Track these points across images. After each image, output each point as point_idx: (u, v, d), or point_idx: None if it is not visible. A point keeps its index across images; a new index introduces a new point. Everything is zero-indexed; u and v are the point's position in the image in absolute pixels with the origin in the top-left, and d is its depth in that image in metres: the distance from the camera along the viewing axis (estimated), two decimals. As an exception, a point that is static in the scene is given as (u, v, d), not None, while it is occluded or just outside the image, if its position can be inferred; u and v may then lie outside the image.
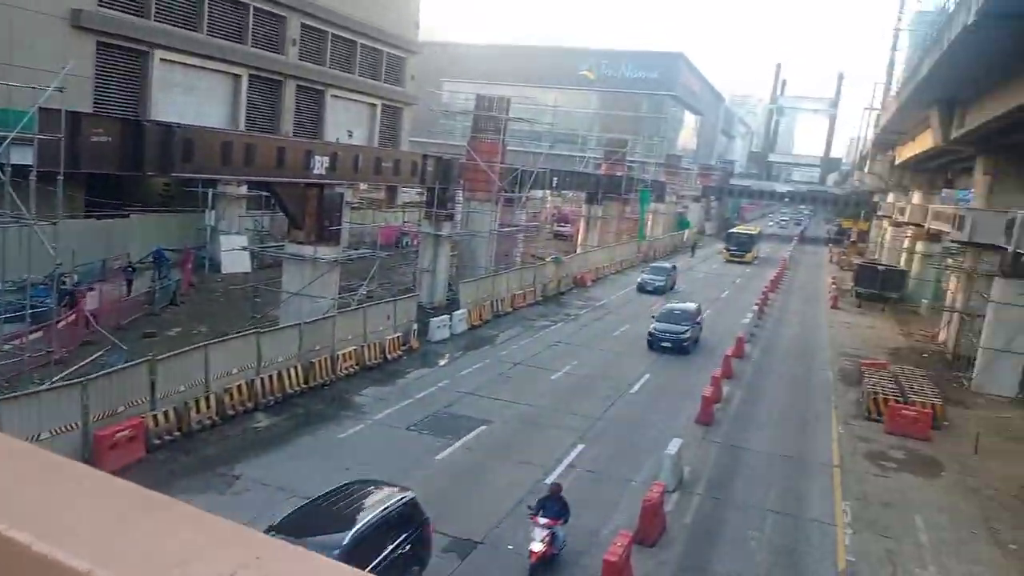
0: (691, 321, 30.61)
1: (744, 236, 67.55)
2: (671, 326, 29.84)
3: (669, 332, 29.51)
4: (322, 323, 23.03)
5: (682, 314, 31.14)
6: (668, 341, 29.35)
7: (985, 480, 19.40)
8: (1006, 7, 17.61)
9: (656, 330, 29.82)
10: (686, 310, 31.85)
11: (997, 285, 28.59)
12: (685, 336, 29.56)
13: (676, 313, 31.18)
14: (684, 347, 29.39)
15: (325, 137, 43.31)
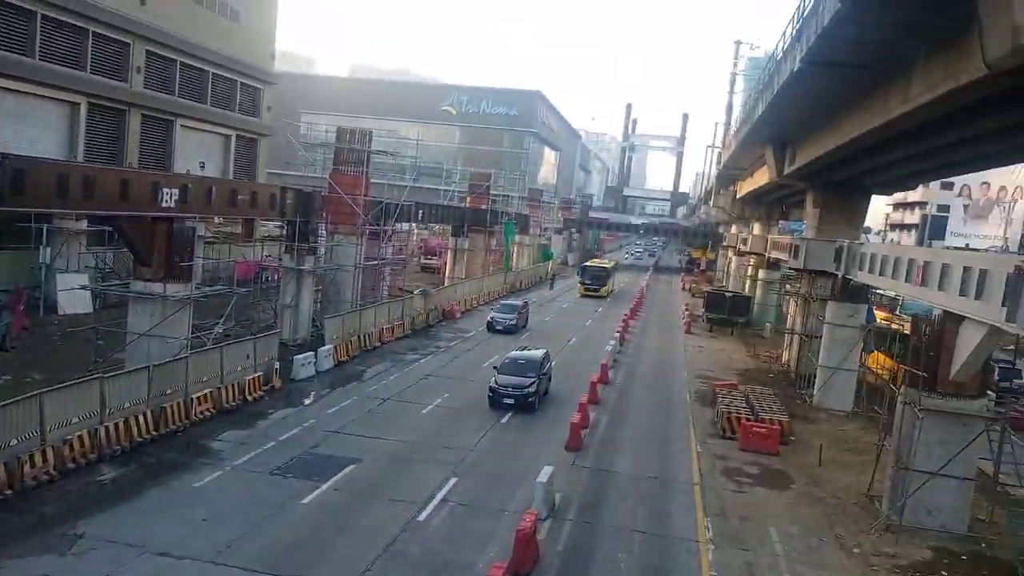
0: (537, 372, 26.81)
1: (599, 270, 65.64)
2: (515, 379, 26.19)
3: (512, 387, 25.86)
4: (174, 365, 21.60)
5: (527, 364, 27.21)
6: (511, 397, 25.76)
7: (829, 490, 20.88)
8: (826, 56, 19.47)
9: (498, 385, 26.11)
10: (532, 359, 27.64)
11: (830, 308, 31.17)
12: (530, 391, 25.93)
13: (521, 363, 27.23)
14: (530, 403, 25.90)
15: (175, 168, 41.16)
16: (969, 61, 13.99)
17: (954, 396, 18.00)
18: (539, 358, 27.89)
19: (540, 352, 28.80)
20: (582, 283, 63.66)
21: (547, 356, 28.94)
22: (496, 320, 41.76)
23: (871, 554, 16.79)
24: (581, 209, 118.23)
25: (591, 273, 64.35)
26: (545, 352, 29.13)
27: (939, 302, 18.24)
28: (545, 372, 27.71)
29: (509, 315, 42.19)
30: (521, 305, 44.62)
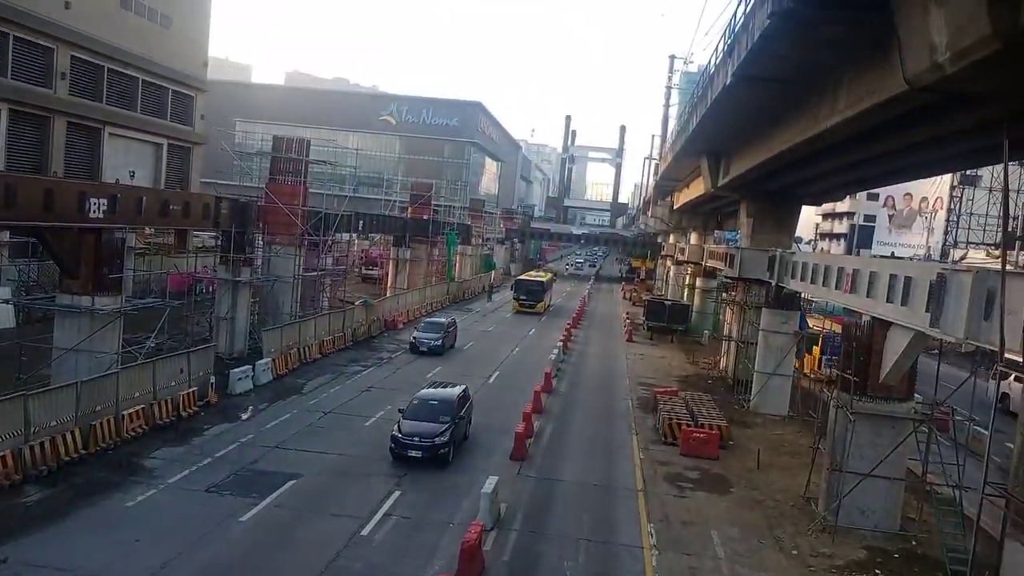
0: (452, 415, 21.80)
1: (533, 284, 61.09)
2: (423, 426, 21.14)
3: (419, 436, 20.87)
4: (103, 381, 20.79)
5: (440, 405, 22.13)
6: (418, 449, 20.74)
7: (767, 492, 21.39)
8: (756, 71, 20.07)
9: (402, 434, 20.99)
10: (446, 399, 22.64)
11: (764, 315, 32.03)
12: (442, 440, 21.01)
13: (432, 405, 22.17)
14: (441, 454, 20.99)
15: (104, 178, 39.75)
16: (891, 77, 14.60)
17: (883, 399, 18.68)
18: (454, 398, 22.87)
19: (456, 390, 23.78)
20: (516, 299, 59.49)
21: (466, 395, 24.09)
22: (420, 340, 37.75)
23: (809, 555, 17.24)
24: (523, 219, 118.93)
25: (525, 287, 60.26)
26: (463, 389, 24.22)
27: (867, 309, 18.91)
28: (463, 415, 22.86)
29: (434, 335, 38.32)
30: (448, 323, 40.52)
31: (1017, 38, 9.82)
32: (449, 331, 39.82)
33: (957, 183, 68.96)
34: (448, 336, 39.40)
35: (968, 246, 62.86)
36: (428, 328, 39.25)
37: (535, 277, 65.44)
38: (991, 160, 23.37)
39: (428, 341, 37.81)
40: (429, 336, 38.22)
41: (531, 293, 59.34)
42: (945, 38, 11.22)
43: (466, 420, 23.55)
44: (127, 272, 26.48)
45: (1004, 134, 13.16)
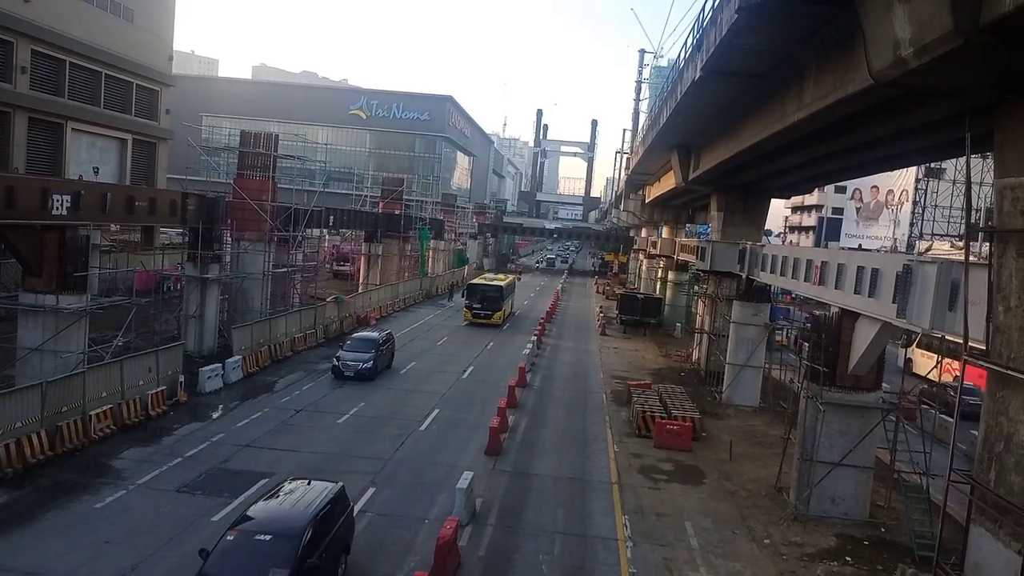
0: (292, 550, 12.06)
1: (489, 289, 50.08)
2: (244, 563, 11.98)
3: None
4: (70, 381, 20.40)
5: (282, 537, 12.32)
6: None
7: (739, 483, 21.64)
8: (725, 65, 20.26)
9: None
10: (294, 518, 12.91)
11: (735, 307, 32.36)
12: None
13: (273, 521, 12.93)
14: None
15: (67, 174, 38.89)
16: (856, 72, 14.79)
17: (852, 389, 18.97)
18: (311, 512, 13.13)
19: (322, 489, 14.21)
20: (468, 307, 49.32)
21: (342, 494, 14.71)
22: (344, 363, 29.99)
23: (781, 544, 17.48)
24: (495, 214, 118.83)
25: (479, 293, 49.52)
26: (339, 487, 14.67)
27: (836, 300, 19.19)
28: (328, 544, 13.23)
29: (363, 355, 30.40)
30: (382, 339, 32.37)
31: (978, 34, 10.00)
32: (383, 349, 31.99)
33: (922, 176, 70.30)
34: (382, 356, 31.77)
35: (933, 238, 64.13)
36: (356, 346, 31.35)
37: (491, 281, 53.33)
38: (955, 153, 23.85)
39: (355, 364, 29.99)
40: (357, 357, 30.32)
41: (487, 300, 49.13)
42: (909, 34, 11.39)
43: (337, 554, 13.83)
44: (92, 270, 26.02)
45: (966, 128, 13.39)
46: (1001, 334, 12.13)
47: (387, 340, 33.25)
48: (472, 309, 49.14)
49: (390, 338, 33.94)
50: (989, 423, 12.49)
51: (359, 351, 30.81)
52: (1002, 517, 11.78)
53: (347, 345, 31.71)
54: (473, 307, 49.11)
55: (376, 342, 31.74)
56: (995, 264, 12.31)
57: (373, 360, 30.49)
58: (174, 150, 52.22)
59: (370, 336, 32.81)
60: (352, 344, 31.68)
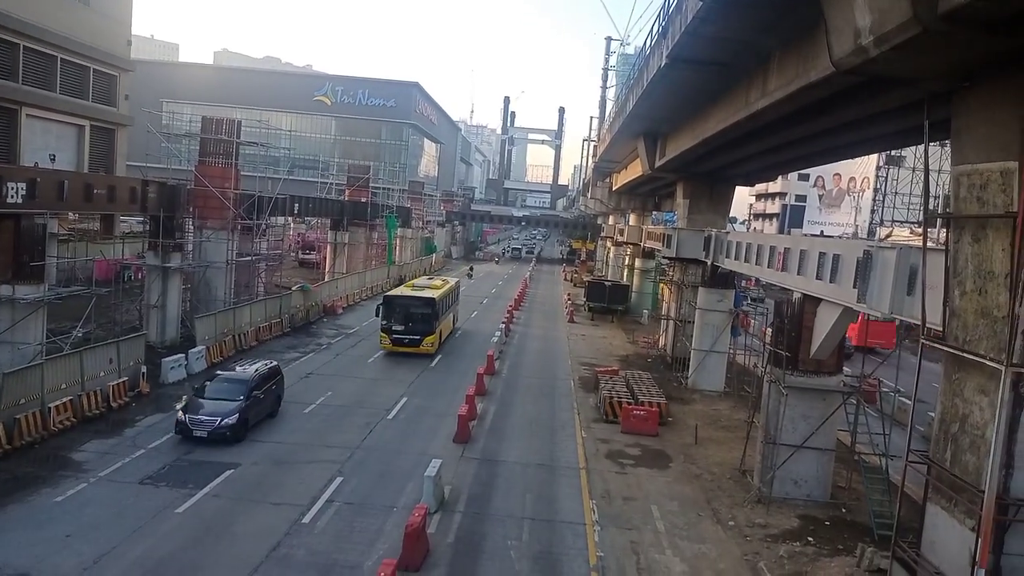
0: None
1: (414, 303, 34.47)
2: None
3: None
4: (27, 372, 19.94)
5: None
6: None
7: (704, 466, 21.96)
8: (690, 53, 20.34)
9: None
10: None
11: (701, 294, 32.71)
12: None
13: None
14: None
15: (22, 161, 37.80)
16: (818, 60, 14.96)
17: (814, 373, 19.31)
18: None
19: None
20: (385, 329, 33.88)
21: None
22: (192, 419, 20.36)
23: (745, 526, 17.79)
24: (463, 202, 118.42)
25: (400, 310, 34.06)
26: None
27: (798, 286, 19.49)
28: None
29: (225, 404, 20.85)
30: (259, 377, 22.42)
31: (936, 23, 10.16)
32: (260, 393, 22.18)
33: (883, 164, 71.62)
34: (259, 403, 22.03)
35: (893, 224, 65.42)
36: (216, 390, 21.46)
37: (421, 291, 36.50)
38: (915, 140, 24.26)
39: (211, 420, 20.29)
40: (215, 409, 20.64)
41: (410, 321, 33.89)
42: (869, 22, 11.53)
43: None
44: (50, 259, 25.41)
45: (925, 115, 13.64)
46: (957, 317, 12.42)
47: (269, 377, 23.11)
48: (391, 333, 33.78)
49: (274, 373, 23.77)
50: (945, 405, 12.81)
51: (221, 397, 21.10)
52: (957, 496, 12.11)
53: (203, 388, 21.79)
54: (392, 328, 33.77)
55: (247, 384, 21.64)
56: (952, 249, 12.59)
57: (239, 414, 20.65)
58: (134, 137, 50.97)
59: (241, 375, 22.36)
60: (214, 387, 21.62)
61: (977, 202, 11.96)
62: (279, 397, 24.09)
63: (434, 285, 38.99)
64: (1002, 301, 11.30)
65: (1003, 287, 11.28)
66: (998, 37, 10.36)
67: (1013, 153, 11.13)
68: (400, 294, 36.23)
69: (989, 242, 11.68)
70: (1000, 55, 11.05)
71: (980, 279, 11.86)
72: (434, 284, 39.59)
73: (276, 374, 24.07)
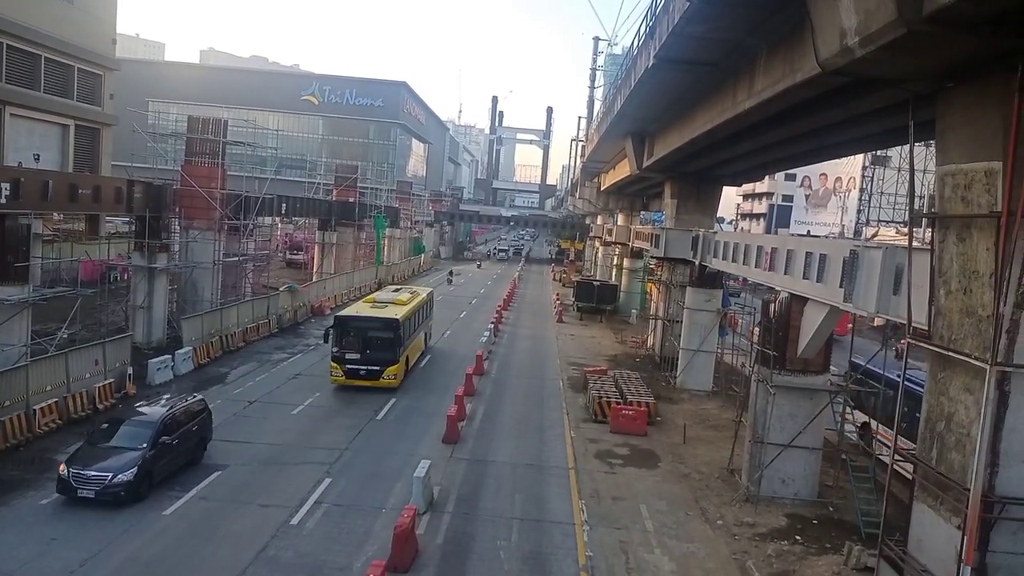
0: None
1: (375, 327, 28.03)
2: None
3: None
4: (11, 374, 19.76)
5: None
6: None
7: (693, 466, 22.02)
8: (677, 53, 20.40)
9: None
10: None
11: (689, 293, 32.81)
12: None
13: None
14: None
15: (6, 161, 37.44)
16: (805, 60, 15.04)
17: (801, 372, 19.40)
18: None
19: None
20: (337, 357, 27.41)
21: None
22: (80, 474, 16.09)
23: (733, 524, 17.85)
24: (452, 202, 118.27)
25: (355, 334, 27.72)
26: None
27: (785, 285, 19.58)
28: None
29: (126, 452, 16.67)
30: (170, 419, 17.94)
31: (921, 24, 10.23)
32: (173, 439, 17.70)
33: (869, 164, 72.07)
34: (171, 451, 17.64)
35: (879, 224, 65.87)
36: (115, 435, 17.18)
37: (381, 310, 29.59)
38: (901, 141, 24.43)
39: (100, 477, 16.08)
40: (106, 462, 16.41)
41: (369, 347, 27.62)
42: (854, 23, 11.60)
43: None
44: (34, 260, 25.19)
45: (910, 116, 13.73)
46: (942, 317, 12.51)
47: (187, 418, 18.79)
48: (343, 362, 27.28)
49: (196, 412, 19.44)
50: (931, 403, 12.90)
51: (116, 447, 16.84)
52: (943, 494, 12.20)
53: (97, 434, 17.56)
54: (346, 359, 27.27)
55: (153, 428, 17.27)
56: (937, 249, 12.68)
57: (138, 467, 16.35)
58: (119, 136, 50.61)
59: (145, 418, 17.91)
60: (106, 433, 17.36)
61: (962, 202, 12.05)
62: (203, 440, 19.57)
63: (399, 300, 31.35)
64: (987, 300, 11.38)
65: (988, 286, 11.37)
66: (982, 38, 10.44)
67: (997, 153, 11.22)
68: (356, 314, 29.28)
69: (974, 242, 11.77)
70: (984, 56, 11.14)
71: (965, 278, 11.94)
72: (399, 299, 31.57)
73: (199, 413, 19.60)
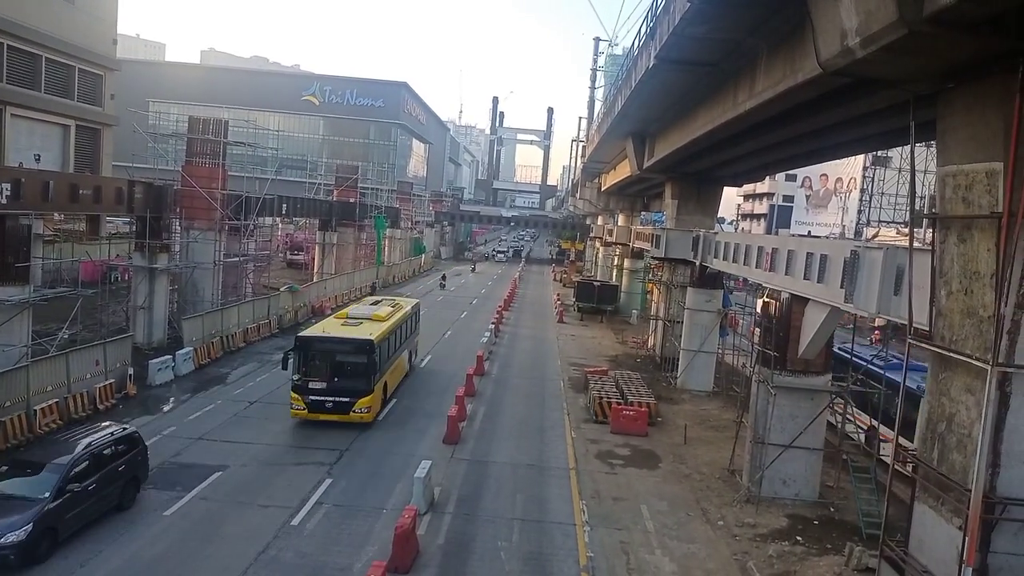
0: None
1: (345, 350, 23.52)
2: None
3: None
4: (12, 374, 19.79)
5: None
6: None
7: (694, 466, 22.01)
8: (678, 53, 20.40)
9: None
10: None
11: (689, 294, 32.79)
12: None
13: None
14: None
15: (6, 162, 37.44)
16: (805, 60, 15.02)
17: (802, 373, 19.38)
18: None
19: None
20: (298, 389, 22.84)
21: None
22: None
23: (734, 525, 17.84)
24: (452, 202, 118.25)
25: (321, 359, 23.36)
26: None
27: (786, 286, 19.56)
28: None
29: (19, 506, 13.77)
30: (85, 459, 15.15)
31: (921, 24, 10.22)
32: (88, 484, 14.97)
33: (869, 164, 72.01)
34: (86, 498, 14.88)
35: (880, 224, 65.80)
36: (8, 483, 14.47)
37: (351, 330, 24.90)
38: (902, 141, 24.41)
39: None
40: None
41: (337, 375, 23.19)
42: (855, 23, 11.59)
43: None
44: (35, 260, 25.22)
45: (911, 116, 13.72)
46: (943, 317, 12.50)
47: (111, 455, 15.91)
48: (307, 393, 22.75)
49: (125, 447, 16.49)
50: (932, 404, 12.88)
51: (8, 497, 14.09)
52: (944, 494, 12.18)
53: None
54: (310, 388, 22.77)
55: (59, 474, 14.51)
56: (938, 250, 12.66)
57: (32, 525, 13.51)
58: (120, 136, 50.57)
59: (49, 459, 15.06)
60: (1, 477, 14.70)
61: (963, 203, 12.03)
62: (135, 480, 16.61)
63: (377, 316, 26.43)
64: (988, 301, 11.37)
65: (989, 287, 11.36)
66: (983, 38, 10.44)
67: (998, 154, 11.21)
68: (322, 334, 24.13)
69: (975, 242, 11.76)
70: (985, 56, 11.14)
71: (966, 279, 11.93)
72: (377, 315, 26.62)
73: (129, 449, 16.50)
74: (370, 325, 25.47)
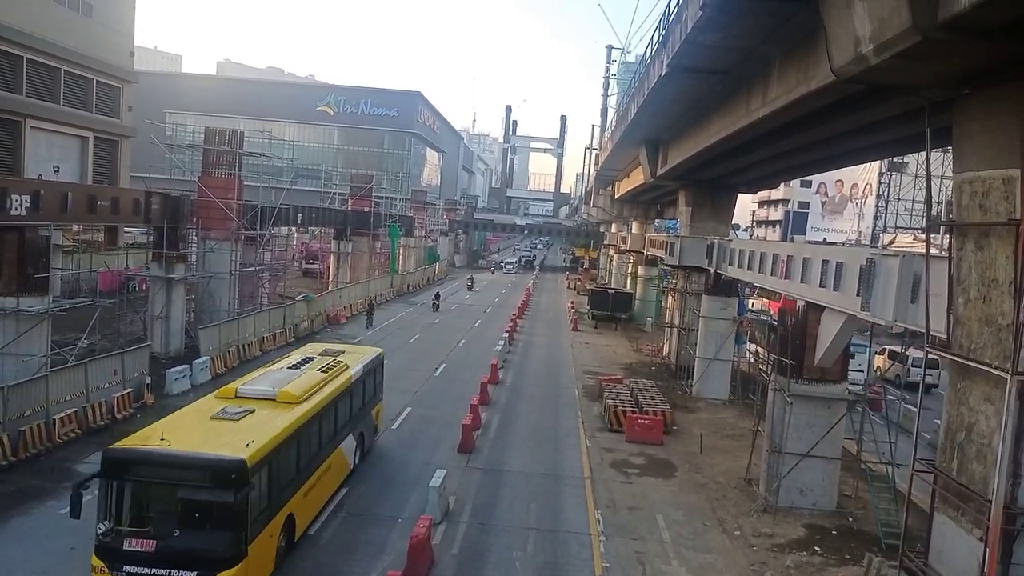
0: None
1: (186, 480, 12.47)
2: None
3: None
4: (31, 384, 19.95)
5: None
6: None
7: (710, 475, 21.87)
8: (691, 61, 20.42)
9: None
10: None
11: (704, 302, 32.66)
12: None
13: None
14: None
15: (26, 173, 38.05)
16: (819, 68, 14.98)
17: (819, 381, 19.24)
18: None
19: None
20: (102, 549, 12.50)
21: None
22: None
23: (751, 535, 17.70)
24: (466, 210, 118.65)
25: (145, 492, 12.86)
26: None
27: (801, 294, 19.45)
28: None
29: None
30: None
31: (935, 31, 10.18)
32: None
33: (885, 170, 71.54)
34: None
35: (896, 230, 65.26)
36: None
37: (205, 441, 13.24)
38: (917, 148, 24.27)
39: None
40: None
41: (181, 525, 12.36)
42: (868, 31, 11.56)
43: None
44: (54, 271, 25.54)
45: (926, 123, 13.64)
46: (961, 325, 12.39)
47: None
48: (119, 558, 12.41)
49: None
50: (951, 413, 12.75)
51: None
52: (964, 505, 12.05)
53: None
54: (124, 551, 12.46)
55: None
56: (955, 257, 12.57)
57: None
58: (137, 148, 51.32)
59: None
60: None
61: (980, 210, 11.94)
62: None
63: (287, 396, 15.84)
64: (1006, 309, 11.27)
65: (1007, 295, 11.25)
66: (998, 44, 10.38)
67: (1015, 160, 11.12)
68: (150, 451, 12.97)
69: (992, 250, 11.66)
70: (1000, 62, 11.07)
71: (984, 287, 11.83)
72: (289, 392, 15.97)
73: None
74: (261, 421, 14.51)
